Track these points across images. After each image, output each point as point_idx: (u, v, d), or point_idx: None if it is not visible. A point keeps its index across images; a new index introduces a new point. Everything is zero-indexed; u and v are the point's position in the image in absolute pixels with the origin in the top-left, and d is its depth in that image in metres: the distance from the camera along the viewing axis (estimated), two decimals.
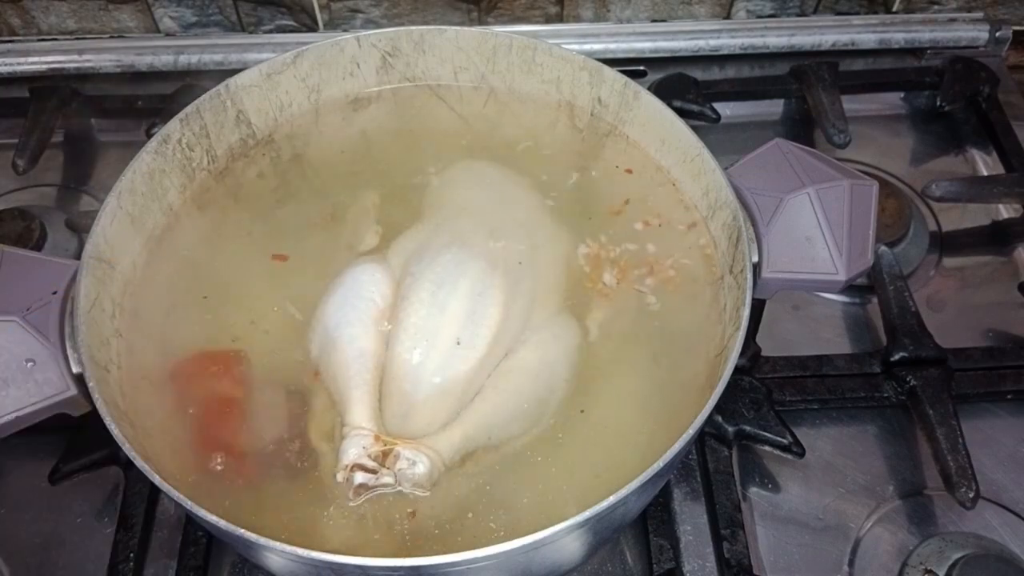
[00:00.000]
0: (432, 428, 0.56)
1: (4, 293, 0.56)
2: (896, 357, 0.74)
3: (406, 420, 0.57)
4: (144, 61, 0.98)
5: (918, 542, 0.67)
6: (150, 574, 0.66)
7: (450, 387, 0.57)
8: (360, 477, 0.53)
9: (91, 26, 1.00)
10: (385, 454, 0.54)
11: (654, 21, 1.02)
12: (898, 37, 1.01)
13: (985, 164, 0.94)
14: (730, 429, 0.70)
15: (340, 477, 0.54)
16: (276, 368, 0.60)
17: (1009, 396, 0.75)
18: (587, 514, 0.47)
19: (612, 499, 0.47)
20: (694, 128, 0.65)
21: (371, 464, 0.53)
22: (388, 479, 0.53)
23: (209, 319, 0.63)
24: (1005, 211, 0.90)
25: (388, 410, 0.57)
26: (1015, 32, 1.01)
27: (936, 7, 1.02)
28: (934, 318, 0.78)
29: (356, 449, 0.54)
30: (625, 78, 0.69)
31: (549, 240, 0.66)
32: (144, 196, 0.65)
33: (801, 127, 0.97)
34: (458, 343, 0.58)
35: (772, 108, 0.99)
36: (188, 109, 0.66)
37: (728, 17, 1.02)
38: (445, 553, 0.46)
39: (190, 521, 0.67)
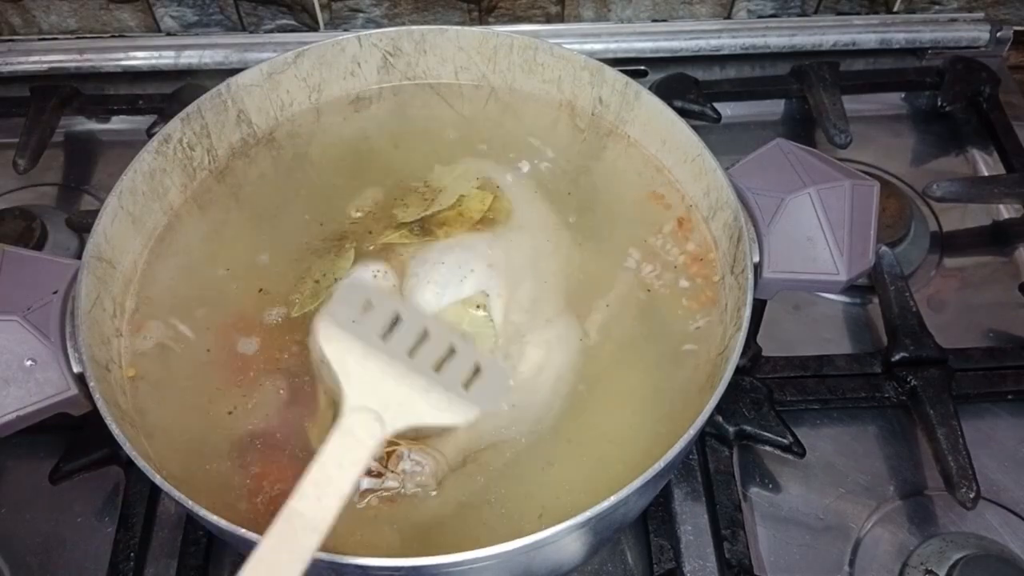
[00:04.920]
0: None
1: (5, 293, 0.56)
2: (897, 357, 0.74)
3: None
4: (145, 61, 0.98)
5: (919, 542, 0.67)
6: (151, 574, 0.66)
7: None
8: (366, 482, 0.53)
9: (92, 25, 1.00)
10: (389, 455, 0.54)
11: (655, 21, 1.02)
12: (899, 37, 1.01)
13: (986, 164, 0.94)
14: (731, 429, 0.70)
15: None
16: (277, 368, 0.60)
17: (1010, 396, 0.75)
18: (588, 514, 0.47)
19: (613, 499, 0.47)
20: (695, 128, 0.65)
21: (375, 466, 0.53)
22: (393, 483, 0.53)
23: (209, 319, 0.63)
24: (1006, 211, 0.90)
25: None
26: (1016, 32, 1.01)
27: (937, 7, 1.02)
28: (935, 318, 0.79)
29: None
30: (626, 78, 0.69)
31: (551, 241, 0.66)
32: (145, 195, 0.65)
33: (802, 127, 0.98)
34: None
35: (773, 108, 0.99)
36: (189, 108, 0.67)
37: (729, 17, 1.02)
38: (446, 553, 0.46)
39: (191, 520, 0.67)
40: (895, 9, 1.03)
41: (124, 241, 0.63)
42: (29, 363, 0.54)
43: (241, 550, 0.61)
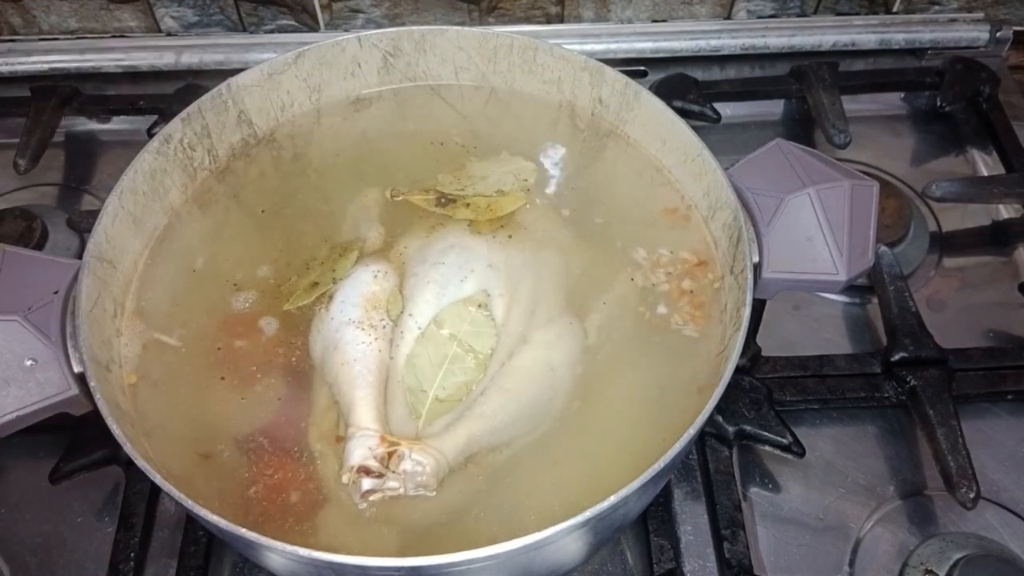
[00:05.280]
0: (436, 429, 0.56)
1: (5, 292, 0.56)
2: (896, 357, 0.74)
3: (411, 421, 0.57)
4: (145, 61, 0.98)
5: (919, 542, 0.67)
6: (151, 574, 0.66)
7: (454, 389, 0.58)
8: (367, 484, 0.53)
9: (92, 26, 1.00)
10: (390, 455, 0.54)
11: (655, 21, 1.02)
12: (898, 37, 1.01)
13: (985, 164, 0.94)
14: (730, 429, 0.70)
15: (346, 479, 0.54)
16: (277, 367, 0.60)
17: (1009, 396, 0.75)
18: (588, 514, 0.47)
19: (613, 499, 0.47)
20: (695, 128, 0.65)
21: (377, 467, 0.53)
22: (394, 483, 0.53)
23: (209, 318, 0.63)
24: (1005, 211, 0.90)
25: (393, 411, 0.57)
26: (1015, 32, 1.01)
27: (936, 7, 1.02)
28: (934, 318, 0.79)
29: (362, 450, 0.53)
30: (626, 78, 0.69)
31: (551, 241, 0.66)
32: (146, 196, 0.65)
33: (801, 127, 0.98)
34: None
35: (772, 108, 0.99)
36: (189, 109, 0.67)
37: (729, 17, 1.03)
38: (446, 553, 0.46)
39: (191, 520, 0.67)
40: (895, 9, 1.03)
41: (125, 241, 0.63)
42: (29, 363, 0.54)
43: (241, 550, 0.62)
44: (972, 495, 0.66)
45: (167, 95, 0.95)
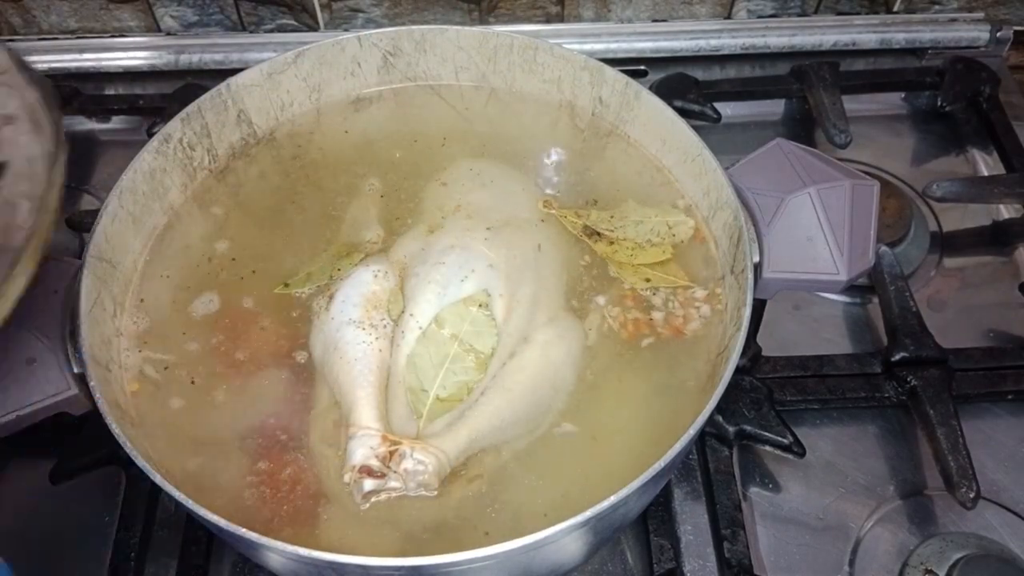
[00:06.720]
0: (438, 428, 0.56)
1: None
2: (897, 357, 0.74)
3: (412, 420, 0.57)
4: (145, 61, 0.98)
5: (919, 542, 0.67)
6: (151, 573, 0.66)
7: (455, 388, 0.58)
8: (369, 484, 0.53)
9: (92, 25, 1.00)
10: (391, 454, 0.54)
11: (655, 21, 1.02)
12: (899, 37, 1.01)
13: (986, 164, 0.94)
14: (731, 429, 0.70)
15: (347, 478, 0.54)
16: (277, 366, 0.60)
17: (1010, 396, 0.75)
18: (588, 514, 0.47)
19: (613, 499, 0.47)
20: (695, 128, 0.65)
21: (378, 466, 0.53)
22: (396, 483, 0.53)
23: (209, 318, 0.63)
24: (1006, 211, 0.90)
25: (394, 411, 0.57)
26: (1016, 32, 1.01)
27: (937, 7, 1.02)
28: (935, 318, 0.79)
29: (363, 449, 0.53)
30: (626, 78, 0.69)
31: (551, 241, 0.66)
32: (145, 195, 0.65)
33: (802, 127, 0.97)
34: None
35: (773, 108, 0.99)
36: (189, 108, 0.67)
37: (729, 17, 1.02)
38: (446, 553, 0.46)
39: (191, 520, 0.67)
40: (895, 9, 1.03)
41: (124, 241, 0.63)
42: (29, 363, 0.54)
43: (241, 550, 0.62)
44: (972, 495, 0.66)
45: (166, 95, 0.94)
